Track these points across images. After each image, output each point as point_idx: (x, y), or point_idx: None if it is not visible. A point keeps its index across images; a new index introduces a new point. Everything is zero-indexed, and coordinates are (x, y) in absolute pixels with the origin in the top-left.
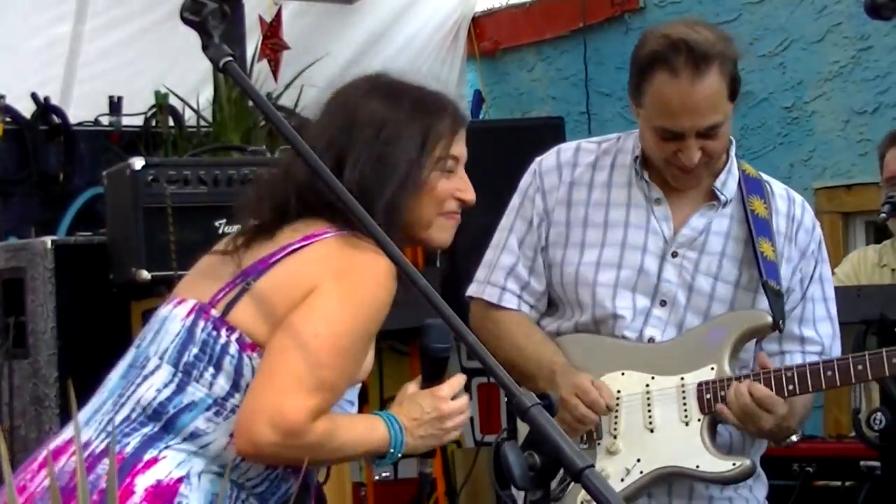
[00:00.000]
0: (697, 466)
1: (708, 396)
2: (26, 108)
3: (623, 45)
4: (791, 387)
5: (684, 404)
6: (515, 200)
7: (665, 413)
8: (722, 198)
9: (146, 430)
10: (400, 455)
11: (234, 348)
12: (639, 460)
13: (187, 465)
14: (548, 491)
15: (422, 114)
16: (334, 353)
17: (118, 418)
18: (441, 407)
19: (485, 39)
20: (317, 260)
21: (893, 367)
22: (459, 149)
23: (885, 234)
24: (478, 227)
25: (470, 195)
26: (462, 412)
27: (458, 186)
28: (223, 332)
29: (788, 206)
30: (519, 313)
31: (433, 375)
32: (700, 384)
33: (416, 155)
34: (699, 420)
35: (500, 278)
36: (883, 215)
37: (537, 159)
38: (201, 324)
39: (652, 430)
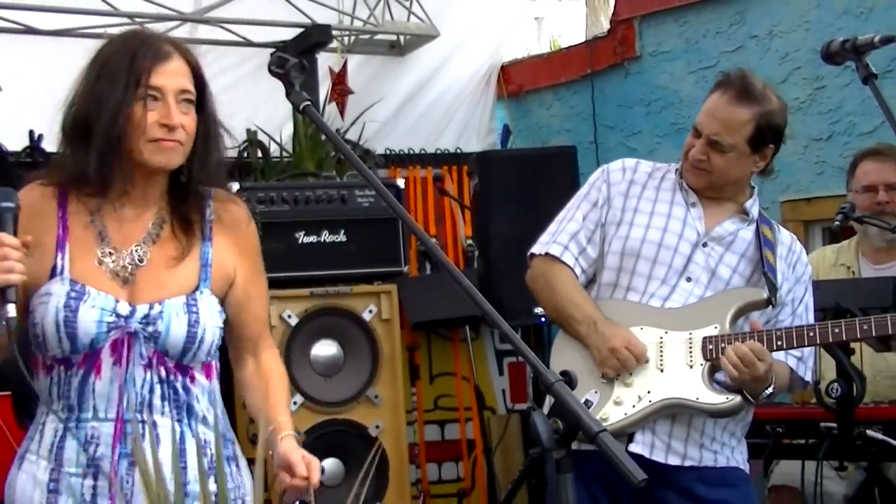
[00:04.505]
0: (697, 398)
1: (710, 347)
2: None
3: (623, 86)
4: (780, 342)
5: (690, 352)
6: (583, 189)
7: (674, 358)
8: (749, 215)
9: None
10: None
11: None
12: (649, 392)
13: None
14: (570, 450)
15: (126, 54)
16: None
17: None
18: None
19: (511, 83)
20: None
21: (864, 332)
22: (158, 80)
23: (839, 238)
24: (507, 235)
25: (170, 119)
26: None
27: (160, 114)
28: None
29: (791, 242)
30: (572, 272)
31: None
32: (704, 338)
33: (121, 92)
34: (701, 365)
35: (564, 239)
36: (837, 223)
37: (604, 165)
38: None
39: (662, 371)
